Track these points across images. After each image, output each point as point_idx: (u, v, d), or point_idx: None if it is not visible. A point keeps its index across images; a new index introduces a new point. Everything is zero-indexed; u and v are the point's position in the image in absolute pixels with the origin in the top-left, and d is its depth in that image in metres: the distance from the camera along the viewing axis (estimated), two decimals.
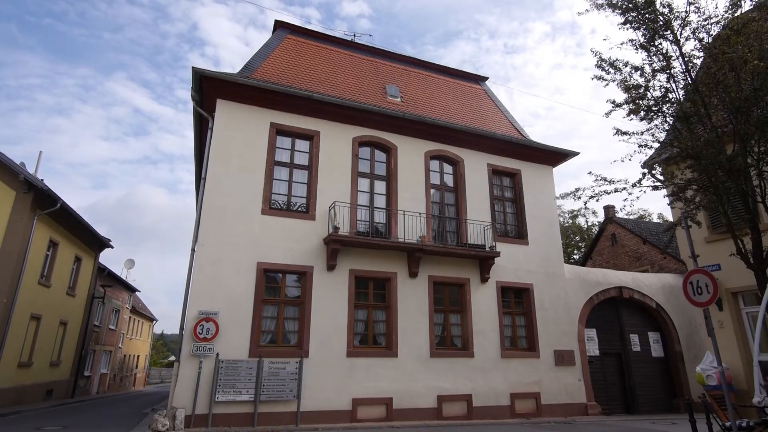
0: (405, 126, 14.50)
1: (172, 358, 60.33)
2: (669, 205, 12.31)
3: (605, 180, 11.15)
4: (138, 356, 38.28)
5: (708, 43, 10.12)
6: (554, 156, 16.74)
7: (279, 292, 12.04)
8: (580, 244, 35.28)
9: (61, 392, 20.92)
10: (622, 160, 11.20)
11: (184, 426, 10.01)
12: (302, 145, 13.42)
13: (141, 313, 37.52)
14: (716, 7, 10.79)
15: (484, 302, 13.95)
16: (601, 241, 24.50)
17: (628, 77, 10.74)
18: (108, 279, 26.64)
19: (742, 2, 9.87)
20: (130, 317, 33.61)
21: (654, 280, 16.98)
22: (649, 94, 10.55)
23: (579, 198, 11.51)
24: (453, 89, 18.32)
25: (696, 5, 10.01)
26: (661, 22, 10.22)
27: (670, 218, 19.02)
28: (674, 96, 10.48)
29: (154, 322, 43.97)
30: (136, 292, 34.38)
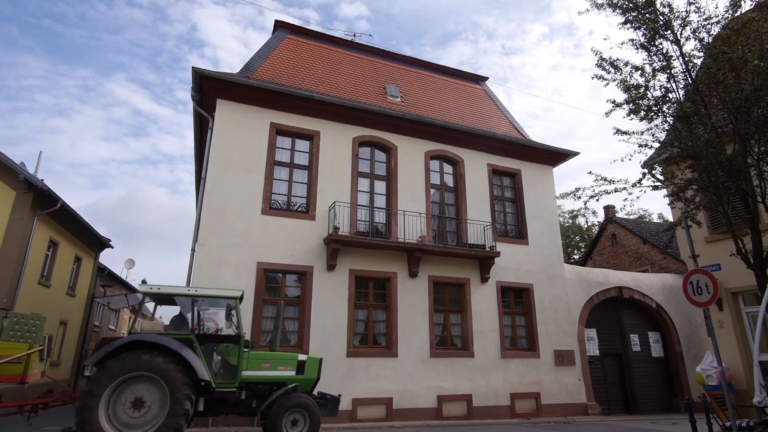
0: (405, 126, 14.50)
1: None
2: (669, 205, 12.31)
3: (605, 180, 11.15)
4: None
5: (708, 43, 10.12)
6: (554, 156, 16.74)
7: (279, 292, 12.04)
8: (580, 244, 35.28)
9: (61, 392, 20.91)
10: (622, 160, 11.20)
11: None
12: (302, 145, 13.42)
13: (141, 313, 37.49)
14: (716, 7, 10.81)
15: (484, 302, 13.95)
16: (601, 241, 24.51)
17: (628, 77, 10.73)
18: (108, 279, 26.64)
19: (742, 2, 9.87)
20: (130, 317, 33.60)
21: (654, 280, 16.99)
22: (649, 94, 10.54)
23: (579, 198, 11.51)
24: (453, 89, 18.32)
25: (696, 5, 10.02)
26: (661, 22, 10.22)
27: (670, 218, 19.02)
28: (674, 96, 10.47)
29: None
30: (137, 293, 34.38)
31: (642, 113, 10.64)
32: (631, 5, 10.43)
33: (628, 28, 10.59)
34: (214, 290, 8.52)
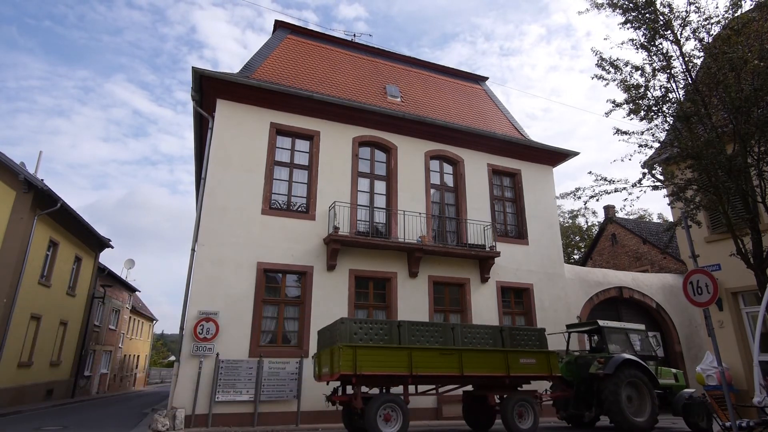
0: (405, 126, 14.50)
1: (172, 358, 60.31)
2: (669, 205, 12.30)
3: (605, 180, 11.13)
4: (138, 356, 38.27)
5: (708, 43, 10.11)
6: (554, 156, 16.74)
7: (279, 292, 12.04)
8: (580, 244, 35.27)
9: (61, 392, 20.92)
10: (622, 160, 11.19)
11: (184, 426, 10.01)
12: (302, 145, 13.42)
13: (141, 313, 37.49)
14: (716, 7, 10.76)
15: (484, 302, 13.94)
16: (601, 241, 24.50)
17: (628, 77, 10.72)
18: (108, 279, 26.64)
19: (743, 2, 9.86)
20: (130, 317, 33.60)
21: (654, 280, 16.99)
22: (649, 94, 10.53)
23: (579, 198, 11.50)
24: (453, 89, 18.32)
25: (696, 5, 10.01)
26: (661, 22, 10.21)
27: (670, 218, 19.01)
28: (674, 96, 10.46)
29: (154, 322, 43.95)
30: (136, 292, 34.37)
31: (642, 113, 10.62)
32: (631, 5, 10.41)
33: (628, 28, 10.57)
34: (635, 325, 11.90)
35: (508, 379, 9.28)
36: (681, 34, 10.23)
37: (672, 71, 10.36)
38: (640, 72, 10.62)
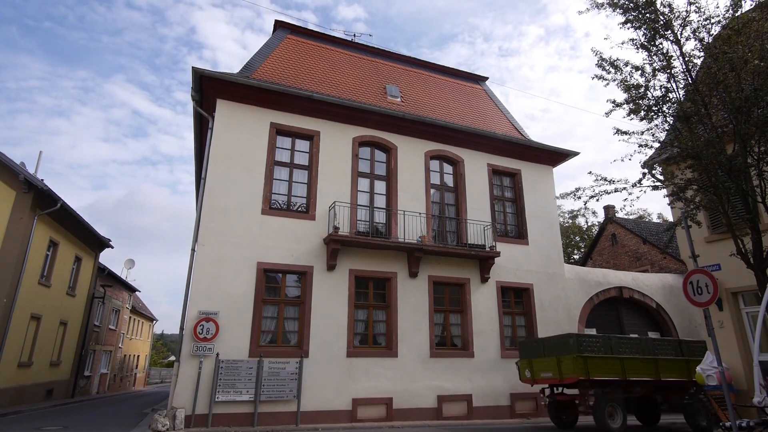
0: (405, 126, 14.50)
1: (172, 358, 60.29)
2: (669, 205, 12.29)
3: (605, 180, 11.12)
4: (138, 356, 38.26)
5: (708, 43, 10.10)
6: (554, 156, 16.74)
7: (279, 292, 12.04)
8: (581, 244, 35.27)
9: (61, 392, 20.92)
10: (622, 160, 11.17)
11: (184, 426, 10.01)
12: (302, 145, 13.42)
13: (141, 313, 37.49)
14: (717, 7, 10.76)
15: (484, 302, 13.95)
16: (601, 241, 24.51)
17: (628, 77, 10.70)
18: (108, 279, 26.63)
19: (743, 2, 9.85)
20: (130, 317, 33.59)
21: (654, 280, 16.99)
22: (649, 94, 10.51)
23: (579, 198, 11.47)
24: (453, 89, 18.32)
25: (696, 5, 9.99)
26: (661, 22, 10.20)
27: (670, 218, 19.01)
28: (674, 96, 10.45)
29: (154, 322, 43.94)
30: (136, 292, 34.36)
31: (642, 113, 10.61)
32: (631, 5, 10.40)
33: (628, 28, 10.56)
34: None
35: (691, 384, 10.93)
36: (681, 34, 10.21)
37: (672, 71, 10.34)
38: (640, 72, 10.60)
